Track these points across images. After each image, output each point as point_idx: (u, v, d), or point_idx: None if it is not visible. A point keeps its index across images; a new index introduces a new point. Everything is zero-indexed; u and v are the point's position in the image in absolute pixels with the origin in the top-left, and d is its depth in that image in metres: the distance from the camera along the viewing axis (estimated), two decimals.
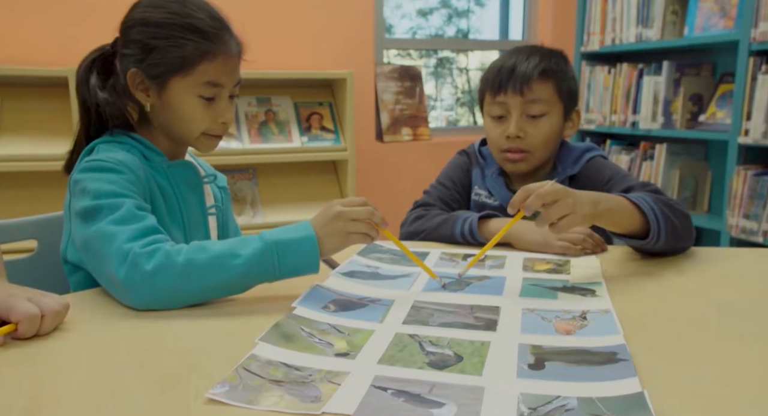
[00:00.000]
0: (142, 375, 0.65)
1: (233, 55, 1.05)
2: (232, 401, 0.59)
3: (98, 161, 0.96)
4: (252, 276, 0.87)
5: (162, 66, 1.00)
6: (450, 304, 0.87)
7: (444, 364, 0.68)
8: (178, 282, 0.84)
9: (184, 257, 0.84)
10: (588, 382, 0.63)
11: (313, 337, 0.75)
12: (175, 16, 1.00)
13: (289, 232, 0.89)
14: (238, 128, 2.59)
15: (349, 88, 2.62)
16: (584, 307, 0.84)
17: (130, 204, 0.90)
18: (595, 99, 3.15)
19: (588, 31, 3.15)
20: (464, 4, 4.14)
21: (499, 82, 1.29)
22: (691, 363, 0.68)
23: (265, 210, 2.64)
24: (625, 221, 1.04)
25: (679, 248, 1.12)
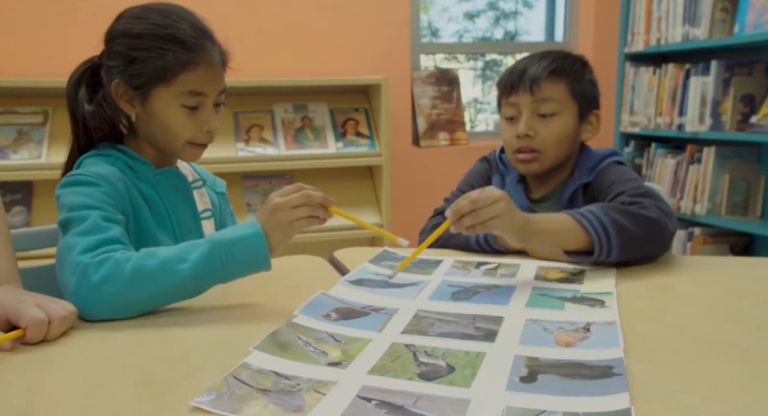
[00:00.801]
0: (136, 381, 0.66)
1: (215, 64, 1.06)
2: (216, 409, 0.59)
3: (77, 176, 0.98)
4: (202, 279, 0.88)
5: (144, 76, 1.01)
6: (453, 314, 0.86)
7: (434, 375, 0.67)
8: (125, 290, 0.84)
9: (132, 264, 0.85)
10: (578, 397, 0.62)
11: (309, 346, 0.75)
12: (156, 27, 1.02)
13: (236, 231, 0.90)
14: (274, 135, 2.64)
15: (384, 94, 2.62)
16: (590, 318, 0.82)
17: (96, 216, 0.92)
18: (640, 101, 3.06)
19: (632, 31, 3.07)
20: (512, 6, 4.10)
21: (510, 84, 1.29)
22: (689, 377, 0.66)
23: None
24: (568, 240, 1.04)
25: (649, 256, 1.10)
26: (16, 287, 0.84)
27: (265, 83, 2.58)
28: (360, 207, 2.73)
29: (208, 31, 1.07)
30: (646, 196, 1.12)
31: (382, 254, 1.17)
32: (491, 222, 0.95)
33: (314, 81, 2.64)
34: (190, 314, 0.88)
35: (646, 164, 3.09)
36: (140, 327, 0.83)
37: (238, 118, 2.65)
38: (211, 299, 0.93)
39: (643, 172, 3.09)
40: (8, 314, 0.75)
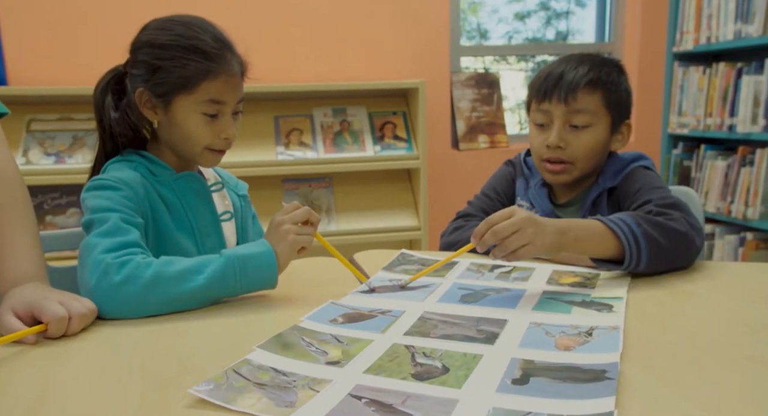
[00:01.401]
0: (143, 375, 0.70)
1: (235, 74, 1.10)
2: (212, 398, 0.62)
3: (100, 180, 1.03)
4: (215, 289, 0.94)
5: (166, 85, 1.05)
6: (458, 316, 0.86)
7: (428, 376, 0.68)
8: (143, 293, 0.89)
9: (153, 270, 0.90)
10: (566, 400, 0.62)
11: (312, 346, 0.77)
12: (180, 37, 1.06)
13: (248, 248, 0.96)
14: (313, 139, 2.68)
15: (421, 97, 2.64)
16: (594, 323, 0.81)
17: (116, 218, 0.97)
18: (689, 102, 2.98)
19: (681, 29, 2.99)
20: (564, 6, 4.05)
21: (544, 90, 1.26)
22: (683, 383, 0.65)
23: (340, 218, 2.71)
24: (598, 248, 1.03)
25: (674, 264, 1.08)
26: (43, 284, 0.89)
27: (305, 88, 2.63)
28: (397, 210, 2.75)
29: (228, 43, 1.11)
30: (675, 208, 1.10)
31: (398, 258, 1.18)
32: (521, 251, 0.93)
33: (353, 85, 2.68)
34: (201, 314, 0.91)
35: (695, 166, 3.00)
36: (153, 325, 0.87)
37: (279, 122, 2.71)
38: (223, 301, 0.96)
39: (692, 174, 3.00)
40: (33, 309, 0.80)
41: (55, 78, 2.64)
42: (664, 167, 3.10)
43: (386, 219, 2.71)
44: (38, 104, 2.63)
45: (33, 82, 2.62)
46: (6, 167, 0.98)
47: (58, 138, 2.59)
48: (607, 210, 1.26)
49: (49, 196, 2.63)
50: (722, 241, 2.86)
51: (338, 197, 2.76)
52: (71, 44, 2.67)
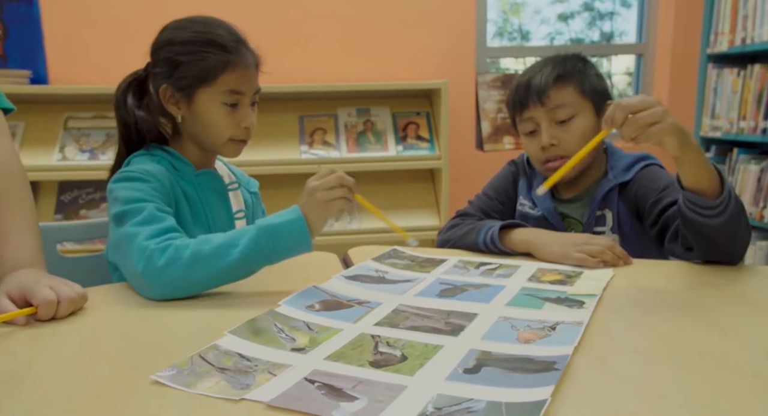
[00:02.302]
0: (117, 356, 0.74)
1: (251, 66, 1.16)
2: (171, 383, 0.66)
3: (128, 172, 1.09)
4: (251, 261, 0.97)
5: (188, 78, 1.12)
6: (430, 309, 0.88)
7: (385, 364, 0.71)
8: (186, 273, 0.95)
9: (190, 250, 0.95)
10: (509, 388, 0.63)
11: (282, 332, 0.80)
12: (198, 33, 1.13)
13: (280, 217, 0.98)
14: (336, 138, 2.72)
15: (444, 98, 2.65)
16: (560, 318, 0.82)
17: (151, 207, 1.02)
18: (722, 104, 2.91)
19: (716, 31, 2.92)
20: (609, 6, 4.00)
21: (520, 100, 1.30)
22: (630, 376, 0.66)
23: (362, 216, 2.74)
24: (703, 173, 1.00)
25: (733, 245, 1.06)
26: (39, 270, 0.94)
27: (330, 88, 2.67)
28: (419, 210, 2.77)
29: (242, 38, 1.18)
30: None
31: (389, 252, 1.20)
32: (655, 130, 0.92)
33: (377, 86, 2.71)
34: (186, 301, 0.95)
35: (728, 170, 2.92)
36: (139, 311, 0.91)
37: (303, 122, 2.76)
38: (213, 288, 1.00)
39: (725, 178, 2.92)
40: (25, 293, 0.85)
41: (91, 78, 2.75)
42: None
43: (408, 219, 2.73)
44: (75, 103, 2.74)
45: (71, 82, 2.74)
46: (8, 159, 1.04)
47: (93, 135, 2.70)
48: (618, 205, 1.26)
49: (84, 191, 2.74)
50: (754, 247, 2.79)
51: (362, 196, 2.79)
52: (107, 46, 2.77)
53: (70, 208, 2.70)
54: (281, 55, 2.79)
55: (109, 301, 0.95)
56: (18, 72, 2.61)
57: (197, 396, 0.63)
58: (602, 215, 1.28)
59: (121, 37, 2.76)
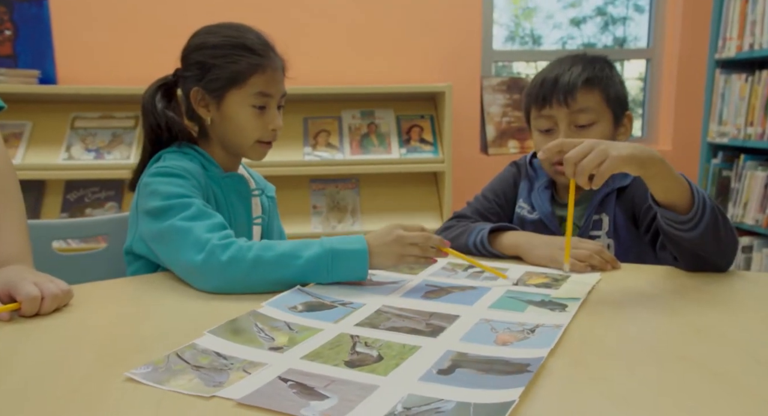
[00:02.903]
0: (96, 353, 0.74)
1: (278, 69, 1.20)
2: (145, 380, 0.66)
3: (166, 167, 1.11)
4: (307, 276, 0.99)
5: (220, 80, 1.15)
6: (412, 310, 0.88)
7: (361, 363, 0.71)
8: (246, 274, 0.97)
9: (254, 253, 0.97)
10: (480, 389, 0.63)
11: (262, 332, 0.81)
12: (229, 38, 1.16)
13: (346, 243, 1.00)
14: (340, 140, 2.73)
15: (447, 101, 2.65)
16: (541, 321, 0.82)
17: (198, 203, 1.05)
18: (730, 110, 2.88)
19: (724, 36, 2.90)
20: (622, 11, 3.98)
21: (543, 96, 1.26)
22: (605, 379, 0.66)
23: (365, 218, 2.74)
24: (672, 187, 0.99)
25: (716, 255, 1.05)
26: (26, 266, 0.95)
27: (335, 91, 2.68)
28: (423, 212, 2.77)
29: (270, 42, 1.22)
30: None
31: None
32: (604, 169, 0.92)
33: (382, 88, 2.72)
34: (172, 299, 0.96)
35: (735, 176, 2.90)
36: (126, 308, 0.92)
37: (308, 123, 2.77)
38: None
39: (732, 185, 2.90)
40: (10, 289, 0.86)
41: (99, 78, 2.78)
42: (702, 176, 3.01)
43: (411, 221, 2.71)
44: (82, 103, 2.77)
45: (79, 82, 2.77)
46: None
47: (99, 135, 2.72)
48: (615, 210, 1.25)
49: (90, 190, 2.76)
50: (761, 254, 2.76)
51: (364, 198, 2.80)
52: (115, 47, 2.80)
53: (76, 207, 2.72)
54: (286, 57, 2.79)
55: (95, 298, 0.96)
56: (27, 72, 2.65)
57: (169, 393, 0.63)
58: (599, 219, 1.27)
59: (128, 39, 2.79)
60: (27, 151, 2.65)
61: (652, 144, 3.31)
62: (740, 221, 2.77)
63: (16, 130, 2.71)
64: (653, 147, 3.26)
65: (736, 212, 2.81)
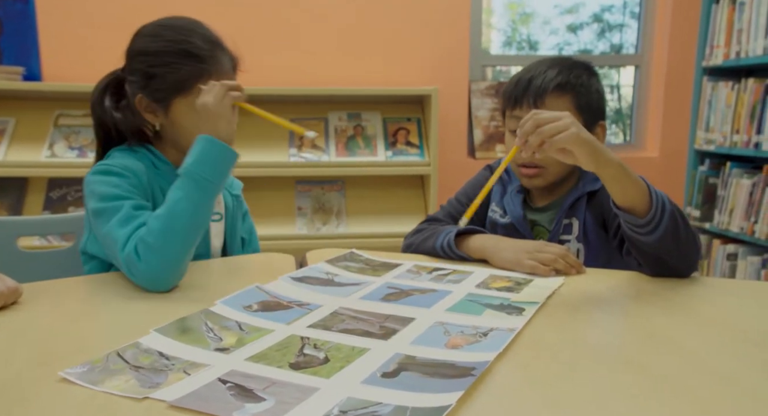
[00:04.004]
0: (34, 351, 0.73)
1: (227, 72, 1.15)
2: (78, 380, 0.64)
3: (106, 165, 1.09)
4: (200, 203, 1.01)
5: (163, 90, 1.11)
6: (368, 312, 0.87)
7: (305, 366, 0.69)
8: (163, 256, 0.96)
9: (153, 236, 0.97)
10: (420, 393, 0.62)
11: (210, 332, 0.79)
12: (171, 43, 1.11)
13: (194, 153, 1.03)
14: (326, 142, 2.71)
15: (434, 104, 2.64)
16: (495, 325, 0.81)
17: (128, 206, 1.03)
18: (716, 117, 2.88)
19: (711, 43, 2.90)
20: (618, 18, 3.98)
21: (515, 96, 1.25)
22: (548, 383, 0.64)
23: (350, 221, 2.73)
24: (632, 190, 0.98)
25: (677, 259, 1.03)
26: None
27: (321, 92, 2.67)
28: (408, 215, 2.75)
29: (218, 42, 1.16)
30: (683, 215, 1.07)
31: (346, 255, 1.19)
32: (557, 138, 0.92)
33: (369, 90, 2.70)
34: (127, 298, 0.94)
35: (721, 183, 2.89)
36: (76, 306, 0.91)
37: None
38: None
39: (718, 192, 2.90)
40: None
41: (84, 76, 2.76)
42: (689, 183, 3.01)
43: (397, 224, 2.71)
44: (66, 100, 2.75)
45: (64, 79, 2.75)
46: None
47: (83, 133, 2.70)
48: (585, 214, 1.24)
49: (73, 188, 2.74)
50: (745, 262, 2.75)
51: (350, 200, 2.78)
52: (101, 45, 2.78)
53: (58, 205, 2.70)
54: (273, 57, 2.78)
55: (45, 297, 0.94)
56: (11, 68, 2.62)
57: (100, 395, 0.62)
58: (569, 223, 1.26)
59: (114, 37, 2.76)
60: (9, 148, 2.63)
61: (640, 151, 3.30)
62: (726, 229, 2.76)
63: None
64: (641, 154, 3.26)
65: (722, 219, 2.80)
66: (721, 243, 2.85)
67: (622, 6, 3.75)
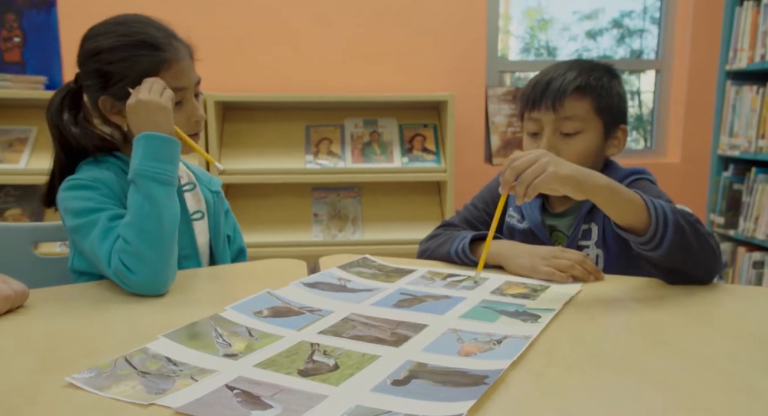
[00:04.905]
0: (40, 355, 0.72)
1: (186, 58, 1.12)
2: (85, 386, 0.64)
3: (75, 180, 1.07)
4: (159, 197, 1.00)
5: (125, 86, 1.06)
6: (380, 319, 0.85)
7: (315, 372, 0.68)
8: (148, 260, 0.96)
9: (132, 245, 0.97)
10: (431, 401, 0.60)
11: (220, 338, 0.78)
12: (125, 37, 1.08)
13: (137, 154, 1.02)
14: (342, 149, 2.71)
15: (450, 110, 2.62)
16: (510, 332, 0.78)
17: (104, 218, 1.02)
18: (740, 122, 2.83)
19: (735, 47, 2.85)
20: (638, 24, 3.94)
21: (533, 98, 1.24)
22: (564, 393, 0.62)
23: (366, 227, 2.72)
24: (627, 210, 0.97)
25: (692, 268, 1.01)
26: None
27: (338, 98, 2.67)
28: (425, 222, 2.73)
29: (171, 31, 1.14)
30: (700, 224, 1.04)
31: (358, 260, 1.17)
32: (537, 182, 0.93)
33: (385, 97, 2.70)
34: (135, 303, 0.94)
35: (746, 190, 2.83)
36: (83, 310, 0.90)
37: (310, 131, 2.76)
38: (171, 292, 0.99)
39: (743, 199, 2.84)
40: None
41: None
42: (712, 190, 2.95)
43: (413, 231, 2.70)
44: None
45: None
46: None
47: None
48: (604, 219, 1.22)
49: None
50: None
51: (366, 207, 2.77)
52: None
53: None
54: (290, 64, 2.79)
55: (54, 301, 0.94)
56: (34, 78, 2.66)
57: (106, 400, 0.61)
58: (588, 228, 1.23)
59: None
60: (31, 156, 2.66)
61: (661, 157, 3.25)
62: (751, 236, 2.70)
63: (21, 135, 2.72)
64: (662, 160, 3.21)
65: (748, 226, 2.74)
66: (746, 251, 2.79)
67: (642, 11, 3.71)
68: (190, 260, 1.19)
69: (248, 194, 2.71)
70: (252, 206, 2.70)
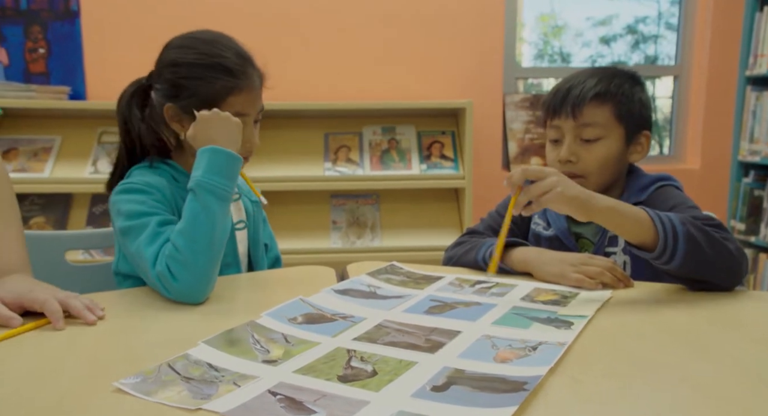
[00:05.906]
0: (89, 362, 0.74)
1: (256, 88, 1.16)
2: (132, 391, 0.65)
3: (129, 184, 1.10)
4: (216, 211, 1.02)
5: (193, 102, 1.11)
6: (413, 325, 0.86)
7: (354, 378, 0.69)
8: (193, 269, 0.98)
9: (181, 252, 0.99)
10: (472, 407, 0.61)
11: (258, 344, 0.79)
12: (204, 56, 1.12)
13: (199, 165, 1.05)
14: (360, 156, 2.73)
15: (468, 117, 2.63)
16: (544, 339, 0.79)
17: (154, 223, 1.04)
18: (761, 128, 2.81)
19: (755, 52, 2.84)
20: (653, 29, 3.93)
21: (554, 106, 1.25)
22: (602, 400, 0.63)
23: (385, 234, 2.73)
24: (633, 229, 1.00)
25: (711, 275, 1.01)
26: (28, 275, 0.96)
27: (356, 106, 2.69)
28: (443, 229, 2.74)
29: (249, 58, 1.17)
30: (723, 229, 1.05)
31: (386, 268, 1.18)
32: (543, 199, 0.97)
33: (403, 104, 2.72)
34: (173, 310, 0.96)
35: (767, 196, 2.81)
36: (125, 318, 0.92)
37: (328, 139, 2.78)
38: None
39: (764, 205, 2.82)
40: (23, 301, 0.86)
41: None
42: (732, 196, 2.93)
43: (431, 238, 2.70)
44: (110, 118, 2.79)
45: (108, 98, 2.81)
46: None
47: None
48: None
49: None
50: None
51: (384, 214, 2.78)
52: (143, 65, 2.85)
53: (101, 220, 2.76)
54: (308, 72, 2.82)
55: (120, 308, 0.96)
56: (58, 88, 2.71)
57: (154, 405, 0.62)
58: (614, 235, 1.24)
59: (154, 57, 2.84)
60: (55, 165, 2.70)
61: (680, 163, 3.24)
62: None
63: (46, 144, 2.77)
64: (681, 166, 3.20)
65: None
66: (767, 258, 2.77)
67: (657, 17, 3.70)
68: (231, 267, 1.21)
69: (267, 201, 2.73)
70: (271, 213, 2.72)
